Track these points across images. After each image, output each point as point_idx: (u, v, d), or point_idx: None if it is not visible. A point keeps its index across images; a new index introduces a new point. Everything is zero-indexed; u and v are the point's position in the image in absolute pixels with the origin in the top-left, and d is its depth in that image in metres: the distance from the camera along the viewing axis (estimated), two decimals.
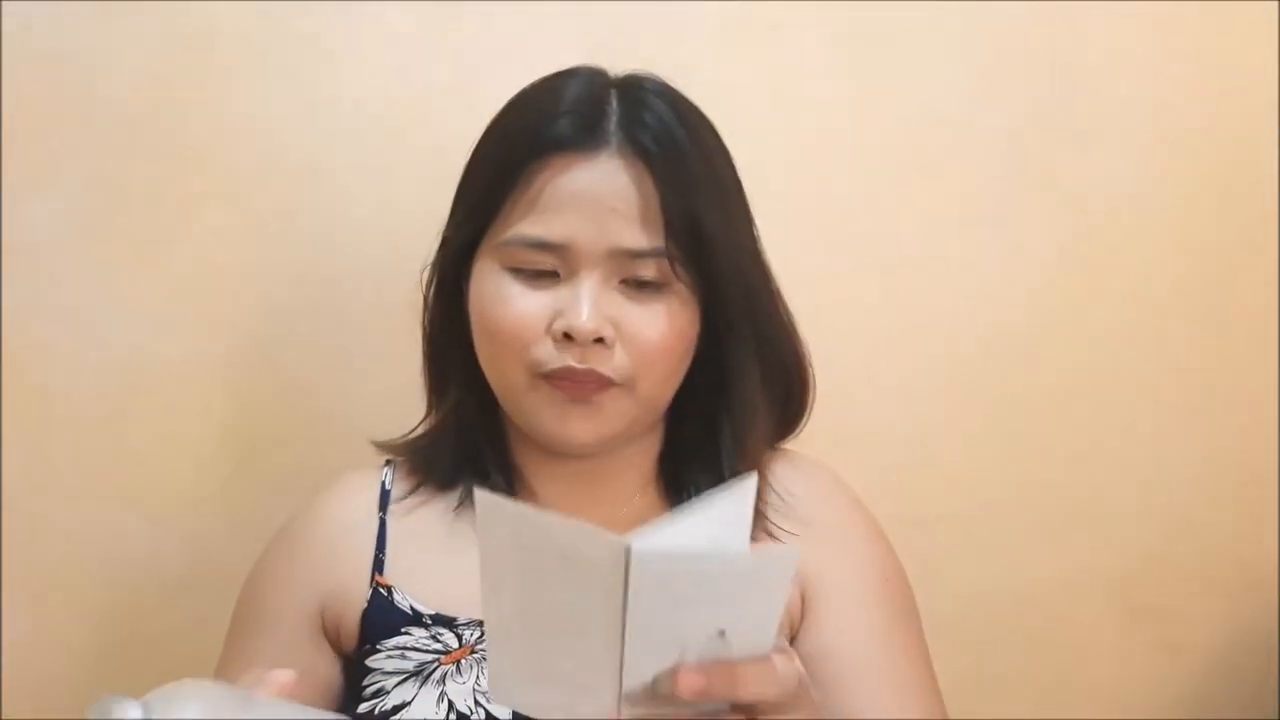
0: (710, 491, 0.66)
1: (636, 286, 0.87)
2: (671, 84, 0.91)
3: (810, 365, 0.97)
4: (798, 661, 0.68)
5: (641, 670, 0.62)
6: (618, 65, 0.92)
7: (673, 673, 0.62)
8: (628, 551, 0.58)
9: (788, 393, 0.97)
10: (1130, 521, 1.26)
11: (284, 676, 0.69)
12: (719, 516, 0.64)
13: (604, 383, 0.86)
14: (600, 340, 0.85)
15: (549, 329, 0.86)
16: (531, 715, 0.78)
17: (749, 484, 0.66)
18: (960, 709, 0.93)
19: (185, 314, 1.13)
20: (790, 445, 0.99)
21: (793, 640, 0.90)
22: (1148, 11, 1.22)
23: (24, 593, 1.12)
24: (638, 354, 0.87)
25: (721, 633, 0.62)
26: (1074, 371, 1.24)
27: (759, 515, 0.91)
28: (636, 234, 0.86)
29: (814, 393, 0.98)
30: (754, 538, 0.89)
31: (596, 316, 0.85)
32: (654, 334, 0.87)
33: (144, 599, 1.15)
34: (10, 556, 1.11)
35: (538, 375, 0.87)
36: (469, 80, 1.14)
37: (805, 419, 0.99)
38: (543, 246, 0.86)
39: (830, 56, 1.19)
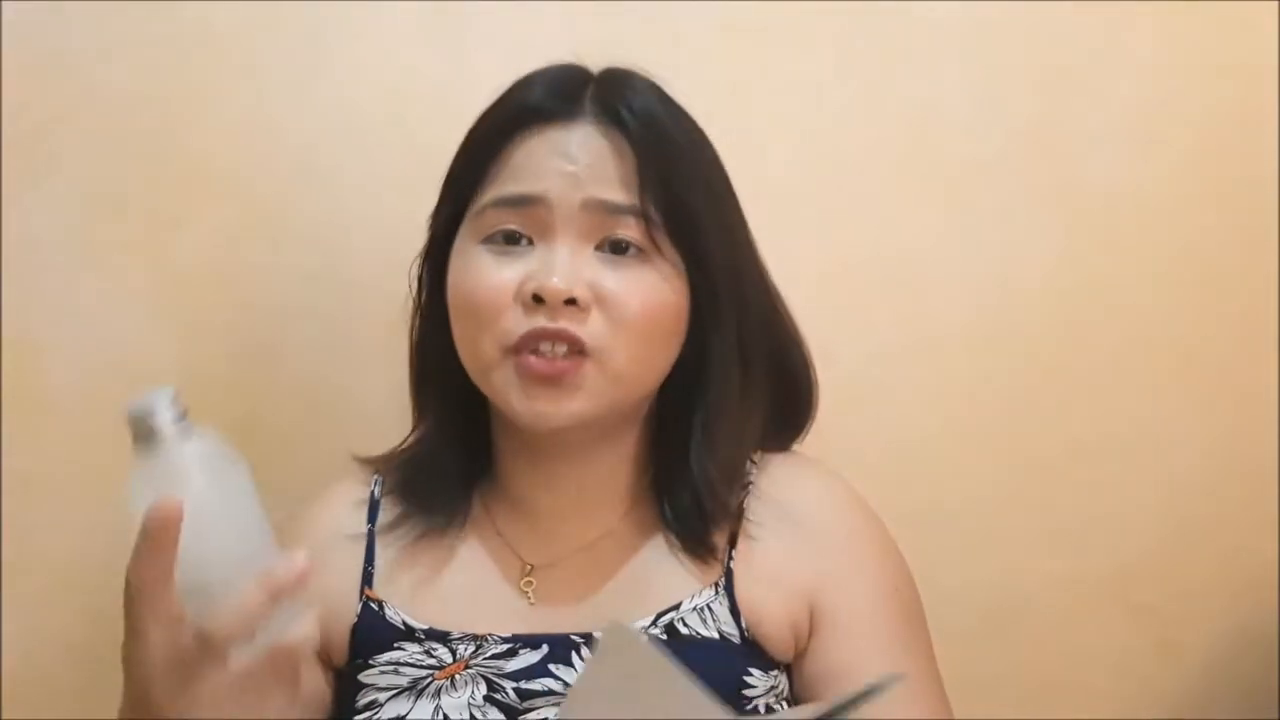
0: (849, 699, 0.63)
1: (617, 252, 0.85)
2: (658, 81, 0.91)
3: (812, 366, 0.96)
4: None
5: None
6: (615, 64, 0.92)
7: None
8: None
9: (789, 393, 0.96)
10: (1130, 521, 1.26)
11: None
12: None
13: (577, 361, 0.83)
14: (573, 302, 0.83)
15: (518, 294, 0.84)
16: None
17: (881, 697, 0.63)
18: (960, 709, 0.93)
19: (184, 314, 1.13)
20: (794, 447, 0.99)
21: (801, 656, 0.89)
22: (1148, 11, 1.21)
23: (24, 593, 1.12)
24: (615, 321, 0.84)
25: None
26: (1074, 371, 1.24)
27: (742, 519, 0.90)
28: (614, 190, 0.85)
29: (818, 393, 0.97)
30: (739, 541, 0.89)
31: (569, 276, 0.83)
32: (633, 301, 0.84)
33: None
34: (10, 556, 1.11)
35: (506, 350, 0.84)
36: (468, 80, 1.13)
37: (810, 421, 0.98)
38: (516, 203, 0.85)
39: (829, 57, 1.19)
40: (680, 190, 0.86)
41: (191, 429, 0.74)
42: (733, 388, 0.90)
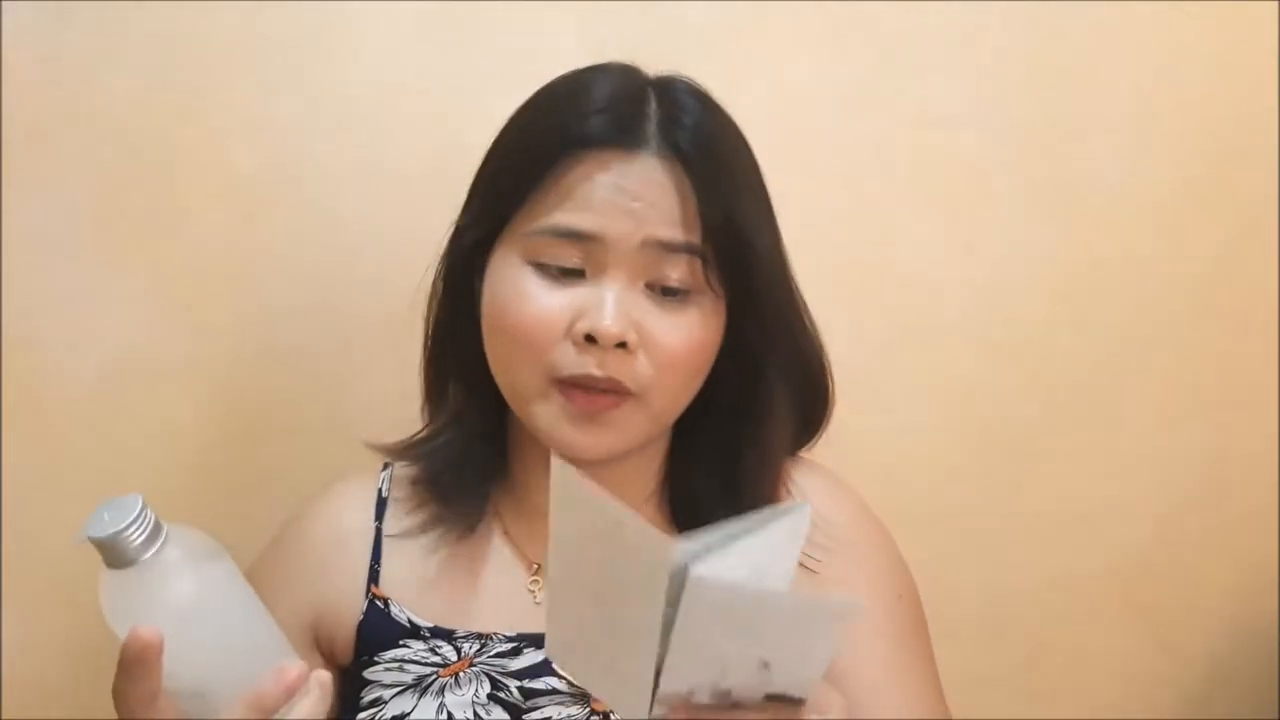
0: (765, 513, 0.64)
1: (663, 292, 0.84)
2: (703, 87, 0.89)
3: (832, 377, 0.96)
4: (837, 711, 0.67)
5: (679, 679, 0.62)
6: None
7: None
8: (685, 571, 0.57)
9: (809, 403, 0.96)
10: (1130, 521, 1.26)
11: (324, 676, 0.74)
12: (772, 542, 0.63)
13: (619, 398, 0.84)
14: (623, 345, 0.82)
15: (569, 331, 0.83)
16: (577, 680, 0.81)
17: (804, 513, 0.64)
18: (960, 709, 0.93)
19: (184, 313, 1.13)
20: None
21: None
22: (1147, 11, 1.22)
23: (24, 593, 1.12)
24: (658, 363, 0.84)
25: (765, 664, 0.61)
26: (1073, 371, 1.24)
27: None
28: (674, 229, 0.83)
29: (833, 403, 0.97)
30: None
31: (622, 319, 0.82)
32: (677, 343, 0.84)
33: None
34: (10, 556, 1.11)
35: (552, 380, 0.84)
36: (470, 80, 1.14)
37: (823, 430, 0.98)
38: (574, 237, 0.83)
39: (828, 58, 1.19)
40: (738, 229, 0.84)
41: (167, 536, 0.69)
42: (781, 405, 0.91)
